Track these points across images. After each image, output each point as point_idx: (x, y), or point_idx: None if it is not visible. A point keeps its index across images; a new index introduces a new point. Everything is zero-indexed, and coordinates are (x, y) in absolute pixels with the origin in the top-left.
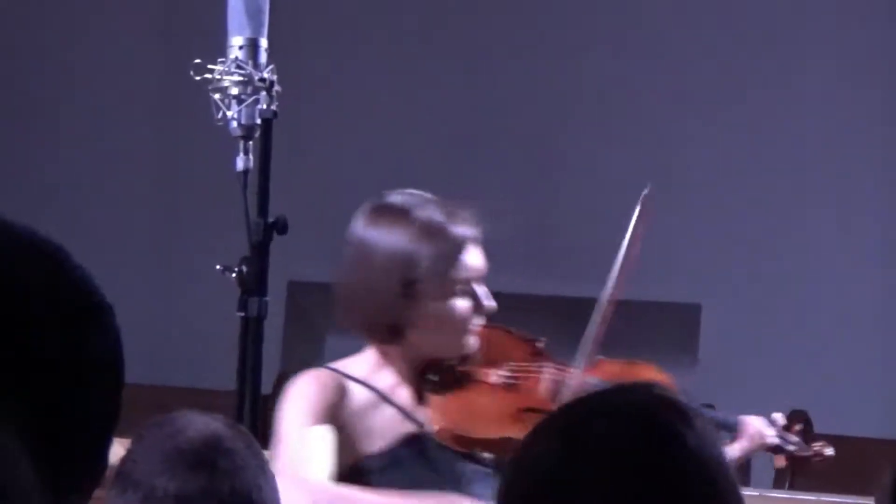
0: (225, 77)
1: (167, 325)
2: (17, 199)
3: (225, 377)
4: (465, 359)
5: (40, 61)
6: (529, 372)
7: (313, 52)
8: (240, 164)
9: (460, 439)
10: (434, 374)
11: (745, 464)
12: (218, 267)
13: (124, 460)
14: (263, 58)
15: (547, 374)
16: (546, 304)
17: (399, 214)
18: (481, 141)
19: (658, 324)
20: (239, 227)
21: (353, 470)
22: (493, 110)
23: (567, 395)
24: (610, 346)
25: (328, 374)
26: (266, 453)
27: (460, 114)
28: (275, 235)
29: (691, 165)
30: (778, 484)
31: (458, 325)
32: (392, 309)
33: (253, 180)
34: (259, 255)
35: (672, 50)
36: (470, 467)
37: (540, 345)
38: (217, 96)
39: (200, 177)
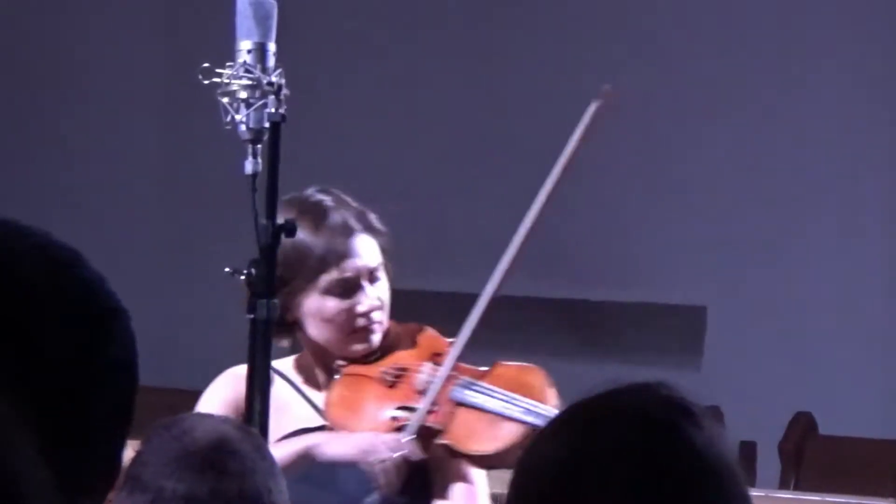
0: (233, 81)
1: (176, 327)
2: (23, 205)
3: None
4: (367, 356)
5: (45, 66)
6: (412, 370)
7: (321, 56)
8: (248, 167)
9: None
10: (339, 370)
11: (751, 464)
12: (227, 269)
13: (133, 462)
14: (272, 62)
15: (421, 373)
16: (551, 306)
17: (287, 206)
18: (487, 145)
19: (663, 326)
20: (247, 230)
21: None
22: (499, 114)
23: (433, 394)
24: (615, 347)
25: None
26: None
27: (467, 118)
28: (283, 238)
29: (696, 167)
30: None
31: (338, 323)
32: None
33: (261, 183)
34: (267, 258)
35: (677, 51)
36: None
37: (447, 346)
38: (225, 100)
39: (209, 180)
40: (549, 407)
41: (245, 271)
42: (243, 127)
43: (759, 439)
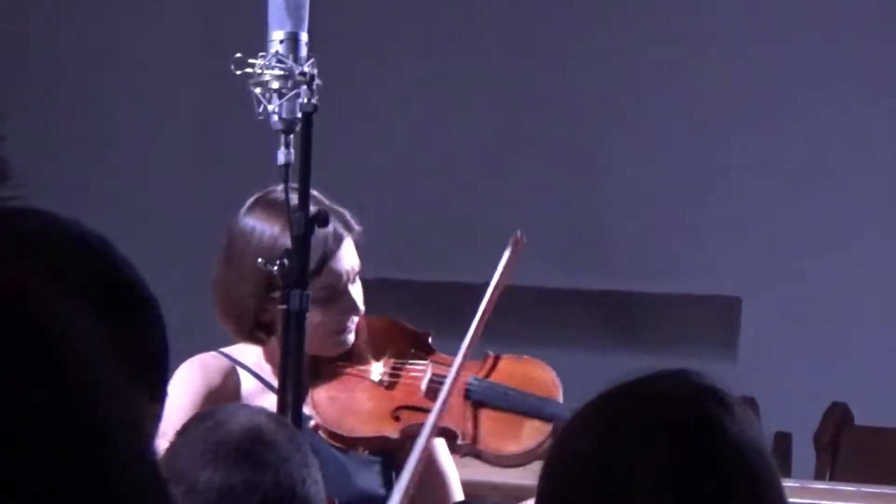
0: (266, 71)
1: (208, 319)
2: (57, 195)
3: None
4: (349, 353)
5: (81, 58)
6: (409, 369)
7: (353, 46)
8: (281, 157)
9: (335, 436)
10: (317, 369)
11: (786, 455)
12: (260, 260)
13: (167, 453)
14: (304, 52)
15: (426, 372)
16: (585, 298)
17: (271, 208)
18: (521, 135)
19: (698, 317)
20: None
21: None
22: (534, 104)
23: (444, 393)
24: (649, 339)
25: (217, 359)
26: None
27: (500, 108)
28: (315, 229)
29: (733, 159)
30: None
31: (323, 326)
32: (257, 306)
33: (294, 174)
34: (300, 249)
35: (715, 43)
36: (352, 457)
37: (428, 338)
38: (258, 90)
39: (241, 171)
40: (560, 400)
41: (277, 262)
42: (276, 117)
43: (794, 430)
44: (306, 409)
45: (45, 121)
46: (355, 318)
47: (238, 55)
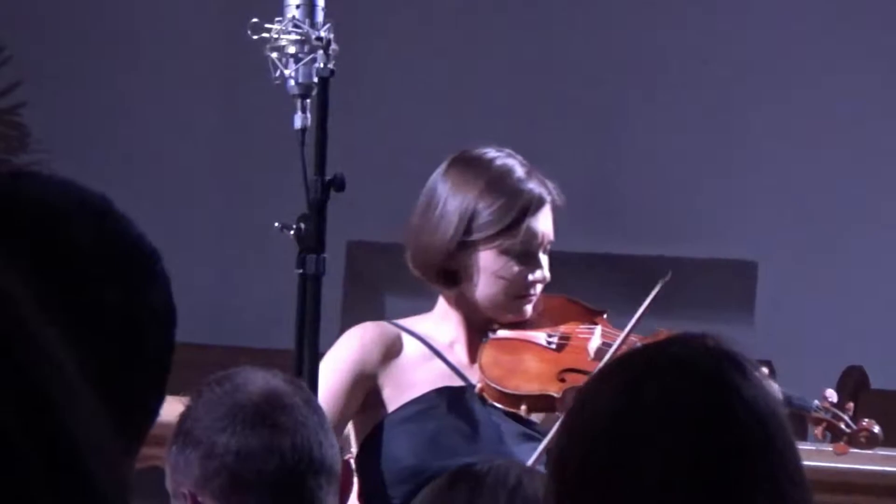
0: (282, 36)
1: (228, 283)
2: (79, 162)
3: (286, 336)
4: (521, 323)
5: (101, 24)
6: (578, 332)
7: (373, 9)
8: (298, 122)
9: (500, 395)
10: (488, 333)
11: (802, 419)
12: (276, 224)
13: (184, 417)
14: (320, 16)
15: (595, 337)
16: (603, 261)
17: (475, 163)
18: (545, 99)
19: (715, 281)
20: (297, 186)
21: (390, 418)
22: (558, 69)
23: (611, 353)
24: (664, 303)
25: (381, 325)
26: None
27: (523, 73)
28: (333, 194)
29: (751, 124)
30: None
31: (508, 284)
32: (447, 253)
33: (311, 138)
34: (317, 213)
35: (736, 11)
36: (514, 428)
37: (603, 315)
38: (274, 55)
39: (259, 135)
40: None
41: (294, 226)
42: (292, 82)
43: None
44: (471, 376)
45: (65, 87)
46: (539, 287)
47: (254, 20)
